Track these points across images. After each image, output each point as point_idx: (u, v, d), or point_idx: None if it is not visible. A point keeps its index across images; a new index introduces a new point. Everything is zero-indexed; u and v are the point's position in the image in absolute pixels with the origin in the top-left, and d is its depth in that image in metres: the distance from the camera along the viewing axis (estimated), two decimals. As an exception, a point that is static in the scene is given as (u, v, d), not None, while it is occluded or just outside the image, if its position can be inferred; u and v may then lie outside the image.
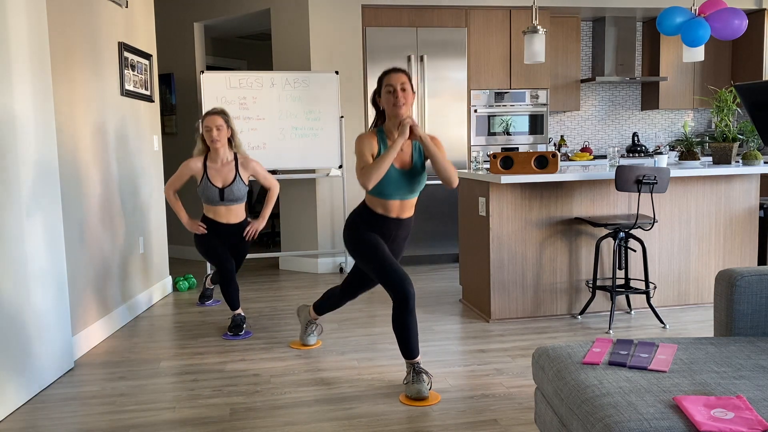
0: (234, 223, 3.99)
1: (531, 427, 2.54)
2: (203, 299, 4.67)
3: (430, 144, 2.88)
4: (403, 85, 2.89)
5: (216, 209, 3.95)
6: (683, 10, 4.60)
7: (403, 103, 2.88)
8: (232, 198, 3.90)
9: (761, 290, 2.12)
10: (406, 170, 2.96)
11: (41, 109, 3.07)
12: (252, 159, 3.99)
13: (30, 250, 2.93)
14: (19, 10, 2.89)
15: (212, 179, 3.86)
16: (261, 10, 5.85)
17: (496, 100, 5.97)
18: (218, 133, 3.78)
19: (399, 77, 2.90)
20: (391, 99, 2.90)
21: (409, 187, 2.97)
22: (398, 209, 3.00)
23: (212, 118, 3.79)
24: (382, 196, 2.96)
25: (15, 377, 2.81)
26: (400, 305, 2.84)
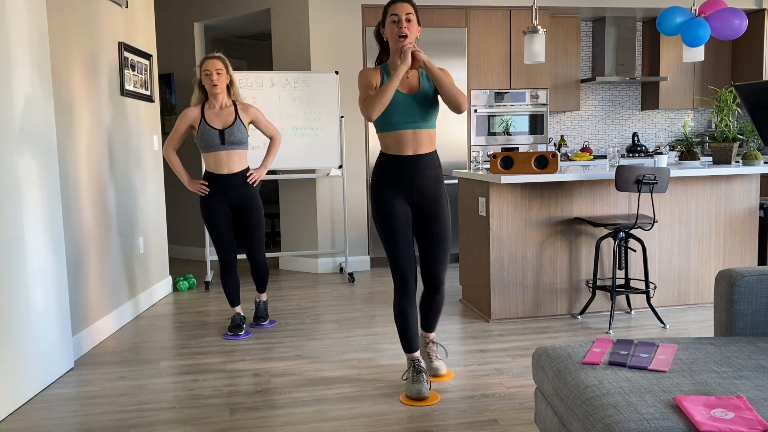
0: (236, 171, 3.76)
1: (531, 427, 2.54)
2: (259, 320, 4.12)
3: (434, 67, 2.72)
4: (408, 16, 2.75)
5: (216, 157, 3.72)
6: (683, 10, 4.60)
7: (408, 33, 2.74)
8: (233, 140, 3.69)
9: (761, 290, 2.12)
10: (413, 94, 2.79)
11: (41, 109, 3.07)
12: (251, 105, 3.84)
13: (30, 250, 2.94)
14: (19, 10, 2.89)
15: (211, 122, 3.69)
16: (261, 10, 5.85)
17: (496, 100, 5.97)
18: (218, 77, 3.64)
19: (404, 7, 2.76)
20: (395, 29, 2.75)
21: (419, 113, 2.78)
22: (412, 141, 2.79)
23: (211, 62, 3.64)
24: (392, 126, 2.78)
25: (15, 377, 2.81)
26: (399, 295, 2.85)
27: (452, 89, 2.73)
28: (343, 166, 5.41)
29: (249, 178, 3.80)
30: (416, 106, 2.78)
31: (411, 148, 2.80)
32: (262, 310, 4.09)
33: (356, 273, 5.67)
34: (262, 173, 3.86)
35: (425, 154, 2.82)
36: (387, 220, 2.82)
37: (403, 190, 2.83)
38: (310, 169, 5.59)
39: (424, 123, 2.80)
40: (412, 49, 2.70)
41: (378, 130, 2.85)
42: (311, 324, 4.09)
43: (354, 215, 5.77)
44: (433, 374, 3.08)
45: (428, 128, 2.82)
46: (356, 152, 5.72)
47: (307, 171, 5.63)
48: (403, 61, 2.69)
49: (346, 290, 5.03)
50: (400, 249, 2.82)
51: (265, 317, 4.09)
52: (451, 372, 3.13)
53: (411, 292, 2.85)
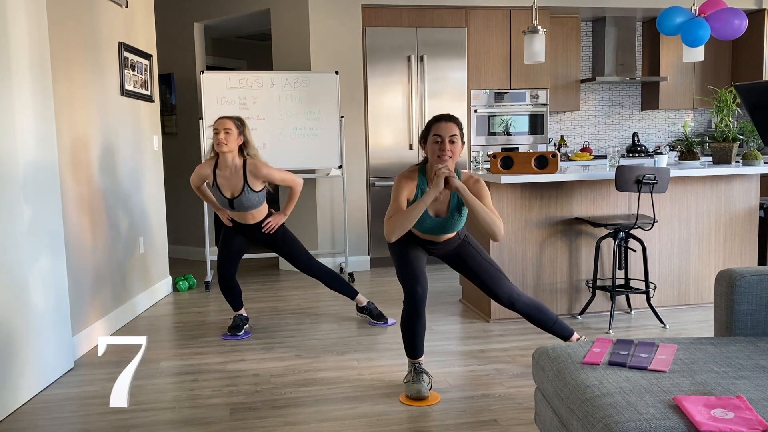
0: (253, 223, 3.80)
1: (531, 427, 2.54)
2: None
3: (468, 194, 2.67)
4: (452, 138, 2.71)
5: (233, 212, 3.77)
6: (683, 10, 4.60)
7: (450, 156, 2.71)
8: (242, 208, 3.68)
9: (761, 290, 2.12)
10: (440, 218, 2.85)
11: (41, 109, 3.07)
12: (264, 164, 3.67)
13: (30, 250, 2.94)
14: (19, 10, 2.89)
15: (221, 188, 3.65)
16: (261, 10, 5.85)
17: (496, 100, 5.97)
18: (225, 137, 3.55)
19: (449, 128, 2.71)
20: (436, 150, 2.72)
21: (444, 230, 2.88)
22: (432, 239, 2.96)
23: (222, 120, 3.59)
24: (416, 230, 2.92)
25: (15, 377, 2.81)
26: (406, 303, 2.85)
27: (486, 219, 2.69)
28: (343, 166, 5.41)
29: (265, 227, 3.79)
30: (443, 226, 2.87)
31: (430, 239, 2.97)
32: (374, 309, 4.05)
33: (356, 273, 5.67)
34: (280, 220, 3.82)
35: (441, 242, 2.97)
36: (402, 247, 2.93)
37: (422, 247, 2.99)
38: (310, 169, 5.59)
39: (445, 234, 2.93)
40: (446, 174, 2.66)
41: None
42: (311, 324, 4.09)
43: (354, 215, 5.77)
44: None
45: (453, 233, 2.95)
46: (356, 152, 5.72)
47: (307, 171, 5.63)
48: (434, 186, 2.67)
49: (346, 290, 5.02)
50: (411, 266, 2.86)
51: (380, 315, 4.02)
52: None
53: (420, 308, 2.84)
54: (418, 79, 5.73)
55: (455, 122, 2.75)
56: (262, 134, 5.23)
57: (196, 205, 6.46)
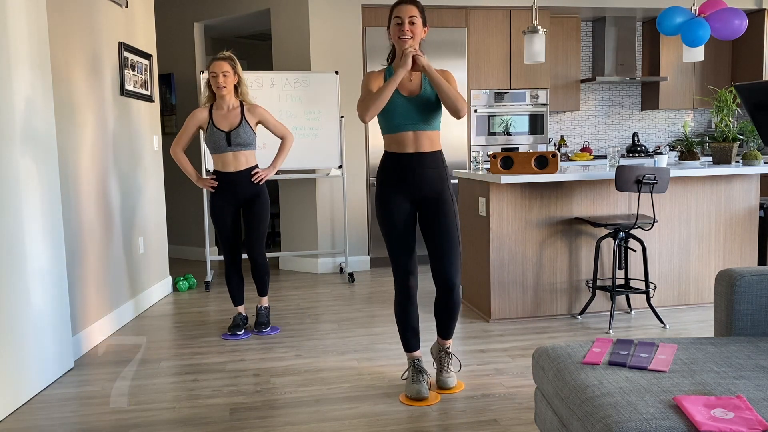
0: (242, 169, 3.79)
1: (531, 427, 2.54)
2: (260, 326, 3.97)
3: (433, 72, 2.69)
4: (412, 18, 2.73)
5: (223, 157, 3.77)
6: (683, 10, 4.60)
7: (410, 36, 2.73)
8: (239, 142, 3.74)
9: (761, 290, 2.12)
10: (413, 97, 2.78)
11: (41, 110, 3.07)
12: (259, 105, 3.86)
13: (30, 250, 2.94)
14: (19, 10, 2.89)
15: (218, 125, 3.75)
16: (261, 10, 5.85)
17: (496, 100, 5.97)
18: (224, 79, 3.69)
19: (408, 9, 2.74)
20: (397, 31, 2.74)
21: (420, 115, 2.78)
22: (413, 142, 2.79)
23: (218, 63, 3.69)
24: (393, 128, 2.79)
25: (15, 377, 2.81)
26: (399, 294, 2.86)
27: (450, 94, 2.71)
28: (343, 166, 5.41)
29: (254, 176, 3.82)
30: (416, 108, 2.78)
31: (412, 147, 2.80)
32: (263, 316, 3.99)
33: (356, 273, 5.67)
34: (270, 173, 3.87)
35: (427, 153, 2.81)
36: (388, 218, 2.82)
37: (405, 187, 2.82)
38: (310, 169, 5.59)
39: (425, 125, 2.80)
40: (412, 53, 2.68)
41: (382, 132, 2.87)
42: (311, 324, 4.09)
43: (354, 215, 5.77)
44: (441, 386, 2.94)
45: (430, 130, 2.82)
46: (356, 152, 5.72)
47: (307, 171, 5.63)
48: (402, 65, 2.68)
49: (346, 290, 5.03)
50: (400, 247, 2.81)
51: (267, 324, 3.95)
52: (462, 383, 3.00)
53: (411, 291, 2.85)
54: (418, 79, 5.73)
55: (415, 4, 2.76)
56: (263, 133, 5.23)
57: (196, 205, 6.46)
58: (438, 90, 2.72)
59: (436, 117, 2.83)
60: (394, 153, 2.82)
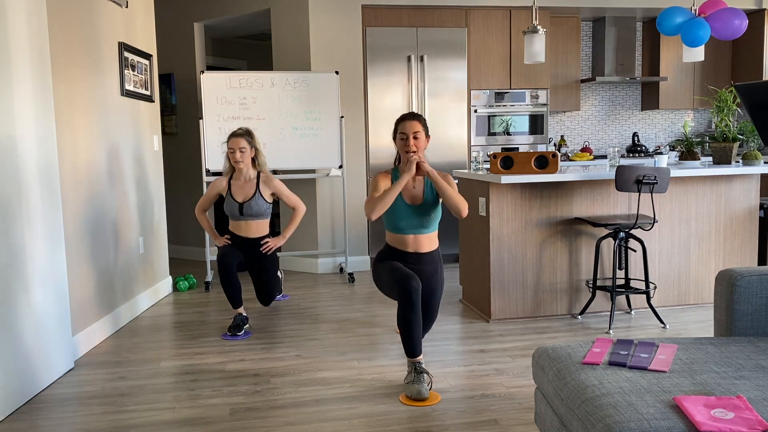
0: (253, 237, 4.07)
1: (531, 427, 2.54)
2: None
3: (437, 177, 2.98)
4: (416, 134, 3.02)
5: (237, 224, 4.06)
6: (683, 10, 4.60)
7: (414, 150, 3.00)
8: (251, 213, 4.01)
9: (761, 290, 2.12)
10: (416, 205, 3.07)
11: (41, 109, 3.07)
12: (275, 178, 4.13)
13: (30, 250, 2.94)
14: (19, 10, 2.89)
15: (234, 195, 4.03)
16: (261, 10, 5.85)
17: (496, 100, 5.97)
18: (241, 155, 3.95)
19: (412, 125, 3.02)
20: (403, 146, 3.04)
21: (420, 221, 3.07)
22: (414, 243, 3.10)
23: (235, 140, 3.95)
24: (395, 230, 3.10)
25: (15, 377, 2.81)
26: (401, 301, 2.86)
27: (454, 198, 2.99)
28: (343, 166, 5.41)
29: (263, 246, 4.06)
30: (418, 215, 3.07)
31: (412, 248, 3.11)
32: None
33: (356, 273, 5.67)
34: (279, 243, 4.12)
35: (425, 253, 3.13)
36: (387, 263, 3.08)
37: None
38: (310, 169, 5.59)
39: (425, 229, 3.11)
40: (417, 160, 2.98)
41: (385, 227, 3.18)
42: (311, 324, 4.09)
43: (354, 215, 5.77)
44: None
45: (429, 233, 3.13)
46: (356, 152, 5.72)
47: (307, 171, 5.63)
48: (407, 170, 2.98)
49: (346, 290, 5.03)
50: (399, 269, 2.98)
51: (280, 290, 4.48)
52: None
53: (414, 296, 2.87)
54: (418, 79, 5.73)
55: (418, 120, 3.05)
56: (262, 134, 5.23)
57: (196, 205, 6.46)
58: (441, 193, 3.01)
59: (435, 221, 3.13)
60: (396, 249, 3.14)
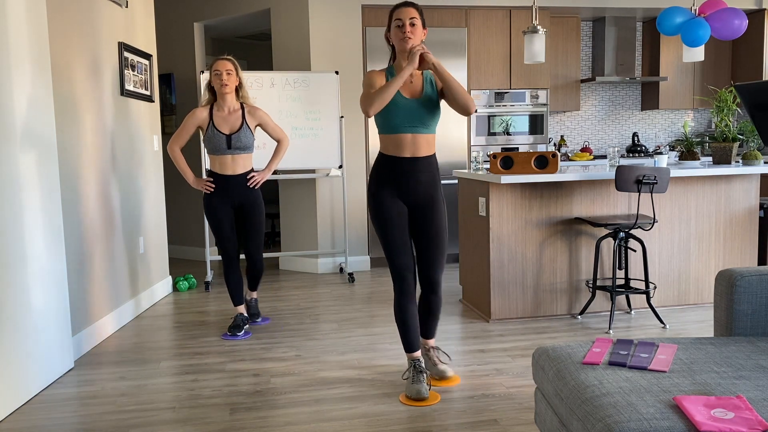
0: (240, 173, 3.84)
1: (531, 427, 2.54)
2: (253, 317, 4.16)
3: (443, 70, 2.74)
4: (412, 20, 2.79)
5: (222, 159, 3.80)
6: (683, 10, 4.60)
7: (410, 37, 2.78)
8: (239, 145, 3.78)
9: (761, 290, 2.12)
10: (415, 99, 2.82)
11: (41, 110, 3.07)
12: (259, 108, 3.89)
13: (30, 249, 2.94)
14: (19, 10, 2.89)
15: (219, 127, 3.77)
16: (261, 10, 5.85)
17: (496, 100, 5.97)
18: (228, 78, 3.71)
19: (408, 11, 2.79)
20: (399, 34, 2.79)
21: (420, 118, 2.81)
22: (411, 145, 2.82)
23: (222, 62, 3.71)
24: (392, 129, 2.82)
25: (15, 377, 2.81)
26: (398, 293, 2.85)
27: (460, 91, 2.76)
28: (343, 166, 5.41)
29: (250, 181, 3.86)
30: (417, 110, 2.81)
31: (409, 150, 2.84)
32: (253, 308, 4.15)
33: (356, 273, 5.67)
34: (265, 175, 3.93)
35: (422, 157, 2.86)
36: (384, 220, 2.85)
37: (399, 190, 2.87)
38: (310, 169, 5.59)
39: (424, 128, 2.84)
40: (420, 51, 2.72)
41: (379, 131, 2.88)
42: (311, 324, 4.09)
43: (354, 215, 5.77)
44: (440, 377, 3.02)
45: (427, 133, 2.86)
46: (356, 152, 5.72)
47: (307, 171, 5.63)
48: (410, 62, 2.72)
49: (346, 290, 5.03)
50: (398, 247, 2.84)
51: (258, 314, 4.15)
52: (458, 377, 3.07)
53: (410, 290, 2.85)
54: (418, 79, 5.72)
55: (414, 6, 2.82)
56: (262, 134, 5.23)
57: (196, 205, 6.46)
58: (447, 87, 2.76)
59: (434, 120, 2.87)
60: (390, 156, 2.86)
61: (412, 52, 2.73)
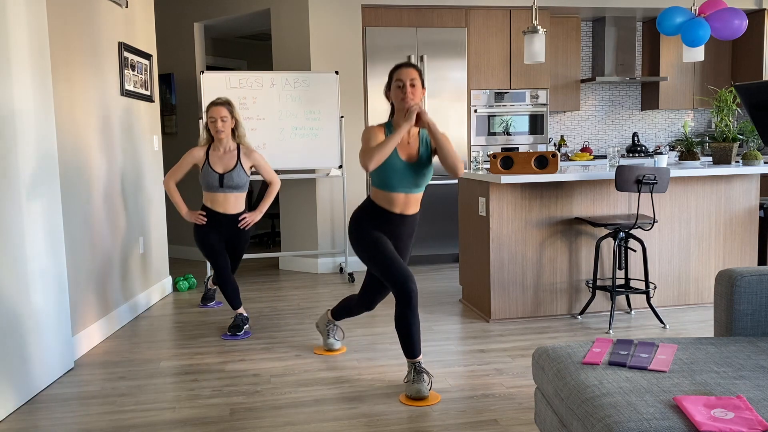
0: (231, 213, 3.95)
1: (531, 427, 2.54)
2: (205, 300, 4.65)
3: (437, 130, 2.86)
4: (412, 81, 2.89)
5: (214, 197, 3.92)
6: (683, 10, 4.60)
7: (411, 98, 2.89)
8: (231, 184, 3.89)
9: (761, 290, 2.12)
10: (412, 163, 2.94)
11: (41, 110, 3.07)
12: (255, 150, 4.01)
13: (30, 249, 2.94)
14: (19, 10, 2.89)
15: (213, 165, 3.88)
16: (261, 10, 5.85)
17: (496, 100, 5.97)
18: (223, 124, 3.82)
19: (409, 72, 2.90)
20: (399, 94, 2.90)
21: (414, 180, 2.95)
22: (403, 204, 2.97)
23: (217, 108, 3.82)
24: (387, 188, 2.94)
25: (15, 377, 2.81)
26: (402, 303, 2.84)
27: (452, 154, 2.88)
28: (343, 166, 5.41)
29: (241, 222, 3.98)
30: (412, 174, 2.95)
31: (400, 208, 2.99)
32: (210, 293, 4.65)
33: (356, 273, 5.67)
34: (256, 217, 4.04)
35: (410, 215, 3.04)
36: (372, 239, 2.97)
37: (381, 230, 3.03)
38: (310, 169, 5.59)
39: (417, 189, 3.00)
40: (417, 110, 2.84)
41: (373, 184, 3.02)
42: (311, 324, 4.09)
43: (354, 215, 5.77)
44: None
45: (419, 192, 3.03)
46: (356, 152, 5.72)
47: (307, 171, 5.63)
48: (407, 120, 2.84)
49: (346, 290, 5.03)
50: (393, 259, 2.90)
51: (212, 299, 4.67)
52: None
53: (415, 304, 2.85)
54: (418, 79, 5.73)
55: (414, 67, 2.93)
56: (262, 134, 5.23)
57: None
58: (440, 148, 2.89)
59: (427, 180, 3.03)
60: (380, 208, 3.00)
61: (409, 111, 2.85)
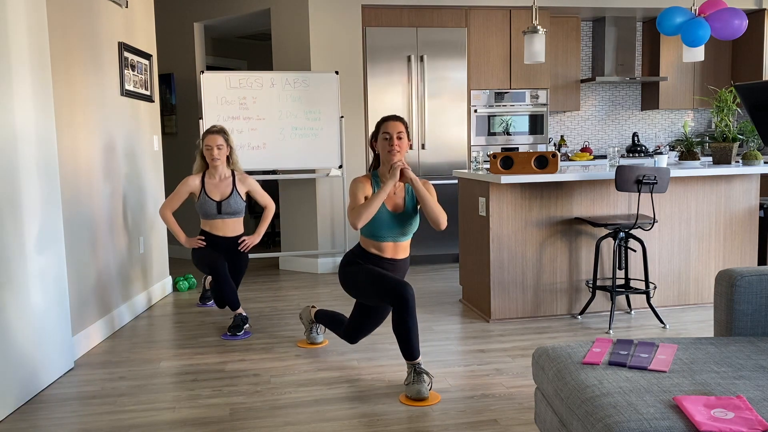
0: (230, 236, 4.07)
1: (531, 427, 2.54)
2: (203, 300, 4.66)
3: (420, 186, 2.96)
4: (399, 134, 2.99)
5: (213, 223, 4.03)
6: (683, 10, 4.60)
7: (398, 151, 2.98)
8: (229, 211, 4.00)
9: (761, 290, 2.12)
10: (398, 213, 3.04)
11: (41, 110, 3.07)
12: (249, 176, 4.11)
13: (30, 250, 2.94)
14: (19, 10, 2.89)
15: (210, 194, 3.98)
16: (261, 10, 5.85)
17: (496, 100, 5.97)
18: (218, 152, 3.93)
19: (396, 125, 3.00)
20: (386, 146, 3.00)
21: (401, 229, 3.05)
22: (392, 251, 3.07)
23: (213, 137, 3.92)
24: (375, 238, 3.05)
25: (15, 377, 2.81)
26: (399, 308, 2.83)
27: (434, 209, 2.97)
28: (343, 166, 5.41)
29: (241, 246, 4.08)
30: (399, 224, 3.04)
31: (389, 254, 3.08)
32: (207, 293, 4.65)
33: (356, 273, 5.66)
34: (255, 240, 4.11)
35: (402, 259, 3.12)
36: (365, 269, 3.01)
37: None
38: (310, 169, 5.59)
39: (404, 236, 3.08)
40: (401, 167, 2.94)
41: (362, 233, 3.10)
42: (311, 324, 4.09)
43: (354, 215, 5.77)
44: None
45: (406, 240, 3.11)
46: (356, 152, 5.72)
47: (307, 171, 5.64)
48: (391, 177, 2.94)
49: (346, 290, 5.02)
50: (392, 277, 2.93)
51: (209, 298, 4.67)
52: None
53: (414, 308, 2.86)
54: (418, 79, 5.73)
55: (401, 121, 3.04)
56: (261, 134, 5.23)
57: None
58: (422, 203, 2.98)
59: (414, 228, 3.12)
60: (371, 253, 3.08)
61: (393, 167, 2.95)
